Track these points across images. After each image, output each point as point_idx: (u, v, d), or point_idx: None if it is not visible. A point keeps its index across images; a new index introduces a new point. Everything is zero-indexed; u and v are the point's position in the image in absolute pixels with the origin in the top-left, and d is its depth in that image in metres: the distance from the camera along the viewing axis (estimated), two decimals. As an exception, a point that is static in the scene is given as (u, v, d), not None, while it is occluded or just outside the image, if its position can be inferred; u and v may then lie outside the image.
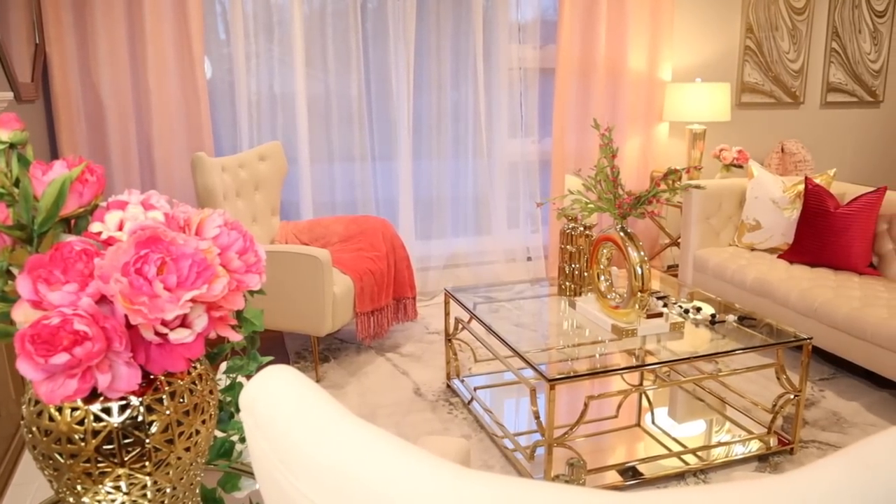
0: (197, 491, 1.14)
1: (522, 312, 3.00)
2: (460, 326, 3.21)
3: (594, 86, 4.83)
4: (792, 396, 2.77)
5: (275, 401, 0.82)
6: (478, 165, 4.78)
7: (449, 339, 3.28)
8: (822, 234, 3.77)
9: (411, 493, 0.67)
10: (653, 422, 3.01)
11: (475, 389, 3.27)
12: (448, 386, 3.34)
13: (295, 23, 4.19)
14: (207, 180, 3.35)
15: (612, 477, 2.59)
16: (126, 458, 0.97)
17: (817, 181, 4.03)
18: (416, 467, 0.69)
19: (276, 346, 3.83)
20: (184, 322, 0.96)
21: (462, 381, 3.32)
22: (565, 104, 4.79)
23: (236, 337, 1.05)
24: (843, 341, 3.29)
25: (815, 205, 3.82)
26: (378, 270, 3.60)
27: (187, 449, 1.03)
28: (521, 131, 4.87)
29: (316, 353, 3.39)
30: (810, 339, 2.72)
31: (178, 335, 0.94)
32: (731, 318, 2.93)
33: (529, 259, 5.00)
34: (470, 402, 3.14)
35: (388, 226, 3.82)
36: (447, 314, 3.29)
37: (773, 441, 2.82)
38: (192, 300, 0.92)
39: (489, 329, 2.79)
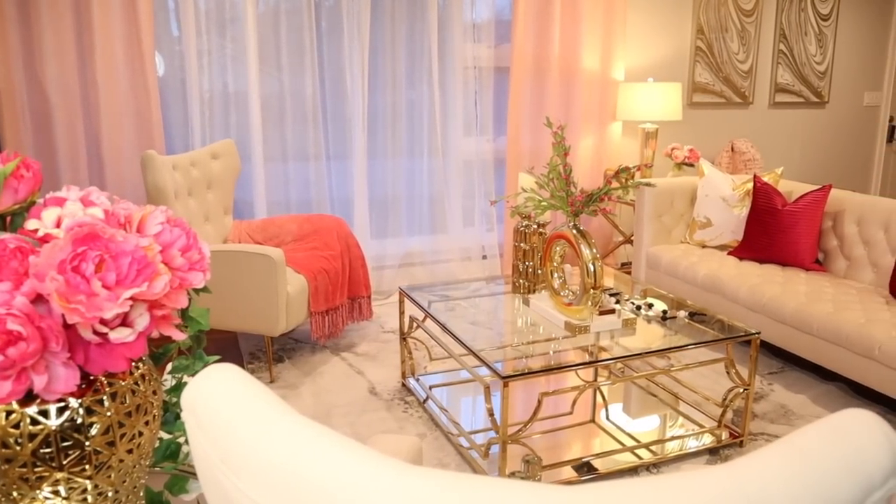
0: (141, 494, 1.12)
1: (477, 310, 3.01)
2: (415, 325, 3.20)
3: (548, 85, 4.86)
4: (741, 390, 2.82)
5: (216, 400, 0.80)
6: (433, 164, 4.78)
7: (404, 337, 3.28)
8: (770, 231, 3.86)
9: (354, 490, 0.67)
10: (607, 417, 3.04)
11: (430, 388, 3.27)
12: (403, 385, 3.33)
13: (248, 20, 4.14)
14: (158, 179, 3.29)
15: (568, 473, 2.61)
16: (65, 462, 0.94)
17: (765, 179, 4.11)
18: (360, 465, 0.68)
19: (229, 347, 3.78)
20: (124, 321, 0.93)
21: (417, 380, 3.32)
22: (520, 103, 4.81)
23: (180, 336, 1.03)
24: (791, 336, 3.37)
25: (763, 202, 3.90)
26: (332, 269, 3.58)
27: (130, 451, 1.01)
28: (476, 130, 4.88)
29: (270, 353, 3.35)
30: (758, 333, 2.78)
31: (119, 334, 0.91)
32: (682, 314, 2.98)
33: (485, 257, 5.02)
34: (425, 400, 3.14)
35: (342, 224, 3.80)
36: (402, 313, 3.28)
37: (724, 434, 2.87)
38: (133, 298, 0.89)
39: (444, 327, 2.79)
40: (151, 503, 1.28)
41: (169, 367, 1.37)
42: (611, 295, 3.14)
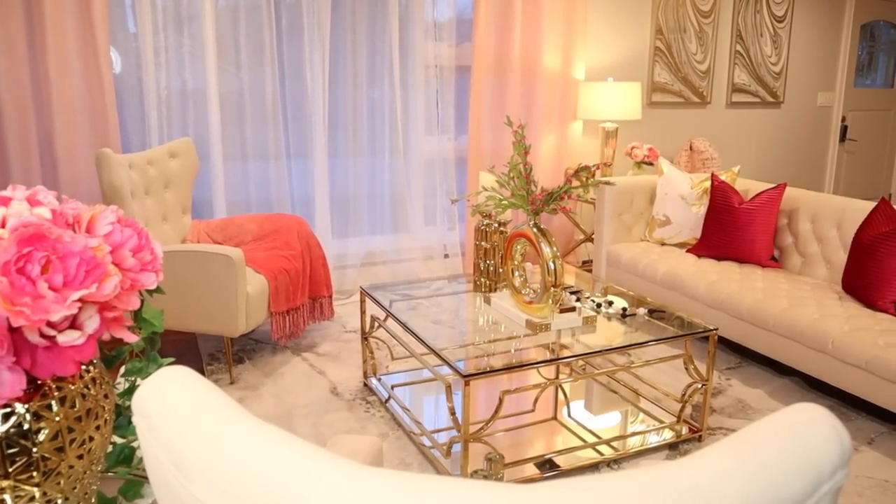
0: (93, 500, 1.09)
1: (439, 309, 3.00)
2: (377, 324, 3.19)
3: (509, 84, 4.88)
4: (700, 386, 2.86)
5: (168, 403, 0.78)
6: (394, 163, 4.76)
7: (365, 337, 3.26)
8: (727, 229, 3.92)
9: (308, 493, 0.66)
10: (569, 415, 3.06)
11: (392, 388, 3.26)
12: (365, 385, 3.31)
13: (206, 16, 4.08)
14: (114, 178, 3.23)
15: (530, 470, 2.62)
16: (11, 470, 0.92)
17: (723, 178, 4.17)
18: (314, 467, 0.67)
19: (188, 349, 3.72)
20: (74, 323, 0.91)
21: (379, 380, 3.30)
22: (481, 102, 4.82)
23: (132, 338, 1.00)
24: (748, 331, 3.43)
25: (720, 201, 3.96)
26: (293, 269, 3.55)
27: (80, 457, 0.99)
28: (437, 129, 4.88)
29: (230, 354, 3.31)
30: (716, 329, 2.82)
31: (67, 337, 0.89)
32: (642, 311, 3.01)
33: (447, 256, 5.02)
34: (387, 400, 3.13)
35: (303, 224, 3.77)
36: (363, 312, 3.26)
37: (683, 429, 2.91)
38: (82, 300, 0.87)
39: (405, 327, 2.78)
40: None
41: (122, 370, 1.35)
42: (571, 293, 3.16)
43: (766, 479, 0.65)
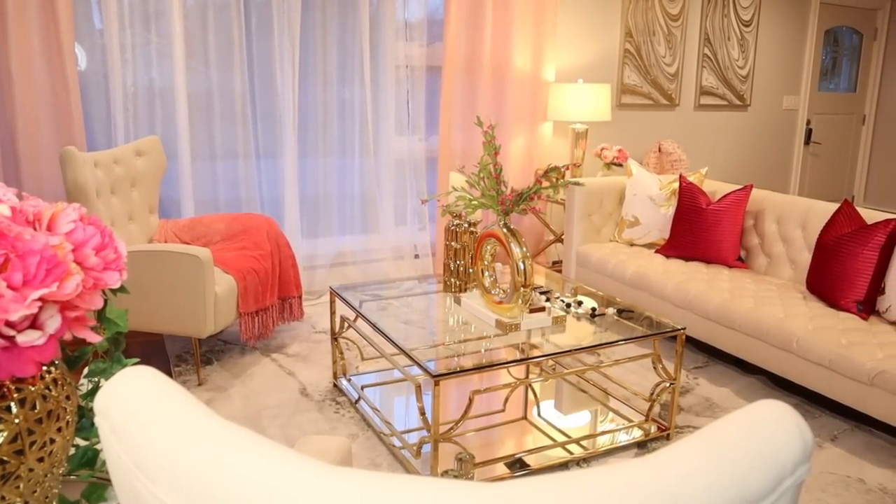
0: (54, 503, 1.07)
1: (409, 310, 3.00)
2: (346, 325, 3.17)
3: (480, 84, 4.89)
4: (668, 384, 2.89)
5: (131, 403, 0.77)
6: (365, 163, 4.74)
7: (335, 337, 3.24)
8: (695, 230, 3.96)
9: (275, 493, 0.65)
10: (539, 414, 3.07)
11: (362, 388, 3.25)
12: (335, 385, 3.30)
13: (174, 14, 4.03)
14: (78, 176, 3.17)
15: (500, 469, 2.63)
16: (-31, 472, 0.90)
17: (691, 179, 4.22)
18: (280, 467, 0.67)
19: (155, 350, 3.67)
20: (34, 323, 0.89)
21: (349, 380, 3.29)
22: (452, 102, 4.82)
23: (95, 338, 0.99)
24: (715, 331, 3.47)
25: (688, 202, 4.01)
26: (262, 269, 3.52)
27: (41, 460, 0.97)
28: (408, 129, 4.87)
29: (198, 355, 3.28)
30: (684, 329, 2.85)
31: (27, 337, 0.87)
32: (611, 311, 3.03)
33: (417, 256, 5.02)
34: (357, 401, 3.11)
35: (272, 224, 3.74)
36: (333, 313, 3.24)
37: (652, 428, 2.94)
38: (42, 299, 0.86)
39: (375, 327, 2.77)
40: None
41: (85, 371, 1.32)
42: (541, 293, 3.18)
43: (730, 476, 0.65)
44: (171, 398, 0.77)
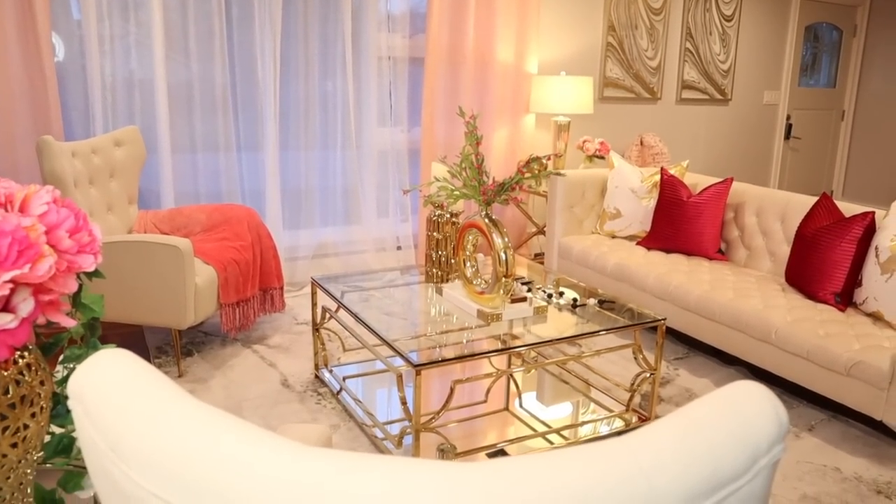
0: (29, 491, 1.06)
1: (391, 301, 2.99)
2: (328, 316, 3.16)
3: (463, 76, 4.88)
4: (648, 375, 2.91)
5: (105, 386, 0.76)
6: (346, 155, 4.72)
7: (317, 329, 3.23)
8: (676, 222, 3.98)
9: (251, 473, 0.65)
10: (521, 405, 3.08)
11: (344, 379, 3.24)
12: (316, 376, 3.29)
13: (154, 4, 3.99)
14: (55, 165, 3.14)
15: (482, 459, 2.63)
16: (-60, 457, 0.88)
17: (672, 172, 4.24)
18: (255, 448, 0.66)
19: (135, 341, 3.64)
20: (6, 306, 0.88)
21: (331, 372, 3.28)
22: (434, 94, 4.81)
23: (70, 323, 0.98)
24: (695, 322, 3.49)
25: (669, 194, 4.03)
26: (243, 260, 3.50)
27: (14, 445, 0.96)
28: (390, 120, 4.86)
29: (178, 346, 3.25)
30: (664, 320, 2.86)
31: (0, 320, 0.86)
32: (592, 302, 3.04)
33: (399, 248, 5.01)
34: (339, 392, 3.11)
35: (253, 214, 3.72)
36: (315, 304, 3.23)
37: (632, 418, 2.95)
38: (14, 281, 0.85)
39: (357, 318, 2.76)
40: (43, 501, 1.22)
41: (61, 357, 1.31)
42: (523, 283, 3.18)
43: (705, 455, 0.66)
44: (146, 380, 0.76)
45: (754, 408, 0.71)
